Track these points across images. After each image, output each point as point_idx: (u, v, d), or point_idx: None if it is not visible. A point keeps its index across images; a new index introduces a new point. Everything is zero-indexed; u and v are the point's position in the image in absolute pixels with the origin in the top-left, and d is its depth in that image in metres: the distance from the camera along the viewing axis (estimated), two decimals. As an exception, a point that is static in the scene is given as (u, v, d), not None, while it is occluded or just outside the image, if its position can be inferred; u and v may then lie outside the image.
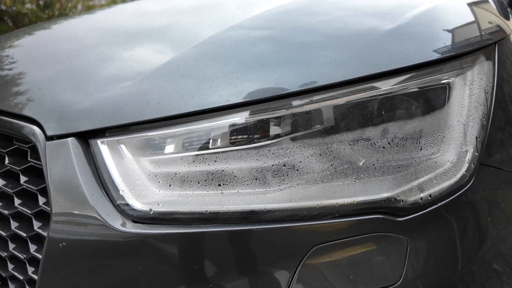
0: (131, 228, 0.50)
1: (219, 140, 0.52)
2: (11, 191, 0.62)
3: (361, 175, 0.52)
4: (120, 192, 0.52)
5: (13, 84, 0.74)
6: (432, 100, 0.57)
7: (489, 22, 0.72)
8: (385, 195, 0.51)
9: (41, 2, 6.39)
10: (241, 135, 0.52)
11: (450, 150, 0.56)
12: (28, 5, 6.18)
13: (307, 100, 0.52)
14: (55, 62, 0.76)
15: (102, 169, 0.53)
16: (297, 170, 0.51)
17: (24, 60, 0.86)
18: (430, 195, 0.53)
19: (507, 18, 0.84)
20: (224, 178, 0.51)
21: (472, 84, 0.60)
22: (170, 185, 0.52)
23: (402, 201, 0.52)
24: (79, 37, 0.90)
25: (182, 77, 0.56)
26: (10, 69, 0.84)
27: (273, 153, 0.51)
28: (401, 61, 0.55)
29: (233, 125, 0.52)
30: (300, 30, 0.63)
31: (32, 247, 0.59)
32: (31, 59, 0.85)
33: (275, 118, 0.52)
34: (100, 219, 0.50)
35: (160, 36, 0.76)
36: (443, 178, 0.55)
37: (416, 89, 0.55)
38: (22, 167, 0.62)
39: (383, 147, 0.53)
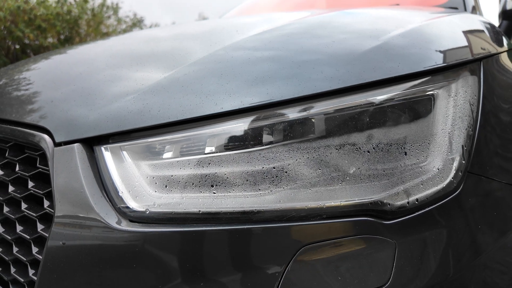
0: (127, 226, 0.52)
1: (213, 145, 0.56)
2: (19, 195, 0.66)
3: (348, 179, 0.54)
4: (119, 193, 0.55)
5: (28, 100, 0.80)
6: (417, 110, 0.59)
7: (474, 41, 0.76)
8: (371, 198, 0.53)
9: (61, 37, 6.79)
10: (234, 141, 0.55)
11: (435, 157, 0.58)
12: (50, 39, 6.57)
13: (296, 109, 0.56)
14: (67, 82, 0.82)
15: (104, 173, 0.57)
16: (287, 173, 0.54)
17: (39, 80, 0.93)
18: (417, 200, 0.55)
19: (496, 39, 0.88)
20: (217, 180, 0.54)
21: (456, 95, 0.63)
22: (166, 187, 0.55)
23: (389, 204, 0.54)
24: (91, 61, 0.97)
25: (180, 88, 0.60)
26: (27, 88, 0.91)
27: (264, 157, 0.54)
28: (386, 73, 0.58)
29: (226, 131, 0.56)
30: (292, 46, 0.68)
31: (34, 249, 0.61)
32: (46, 80, 0.91)
33: (266, 125, 0.55)
34: (98, 218, 0.53)
35: (164, 56, 0.82)
36: (429, 183, 0.56)
37: (402, 100, 0.58)
38: (31, 173, 0.66)
39: (369, 152, 0.55)
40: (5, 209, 0.69)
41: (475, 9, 1.62)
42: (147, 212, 0.53)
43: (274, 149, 0.55)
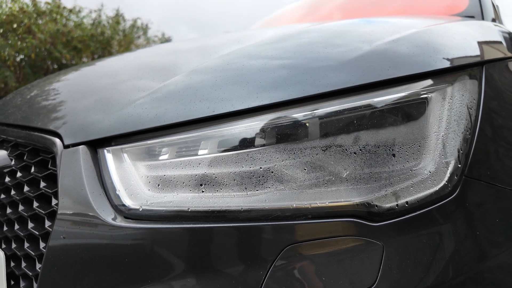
0: (121, 222, 0.55)
1: (203, 147, 0.58)
2: (32, 195, 0.71)
3: (336, 181, 0.55)
4: (117, 192, 0.58)
5: (48, 109, 0.86)
6: (409, 113, 0.59)
7: (475, 46, 0.75)
8: (358, 199, 0.53)
9: (95, 56, 7.21)
10: (223, 143, 0.58)
11: (427, 160, 0.57)
12: (85, 59, 7.00)
13: (284, 113, 0.57)
14: (90, 93, 0.86)
15: (105, 172, 0.61)
16: (274, 174, 0.55)
17: (65, 91, 0.99)
18: (407, 203, 0.54)
19: (509, 46, 0.86)
20: (205, 180, 0.56)
21: (451, 99, 0.62)
22: (158, 185, 0.58)
23: (377, 206, 0.53)
24: (116, 73, 1.01)
25: (177, 93, 0.64)
26: (53, 99, 0.98)
27: (251, 158, 0.56)
28: (376, 77, 0.59)
29: (217, 134, 0.58)
30: (278, 51, 0.70)
31: (42, 245, 0.66)
32: (69, 90, 0.98)
33: (254, 128, 0.57)
34: (96, 215, 0.56)
35: (178, 66, 0.86)
36: (420, 187, 0.55)
37: (392, 103, 0.59)
38: (43, 174, 0.71)
39: (355, 154, 0.55)
40: (20, 207, 0.74)
41: (495, 19, 1.59)
42: (140, 210, 0.56)
43: (262, 150, 0.56)
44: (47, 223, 0.66)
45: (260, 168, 0.55)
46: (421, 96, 0.60)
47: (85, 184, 0.59)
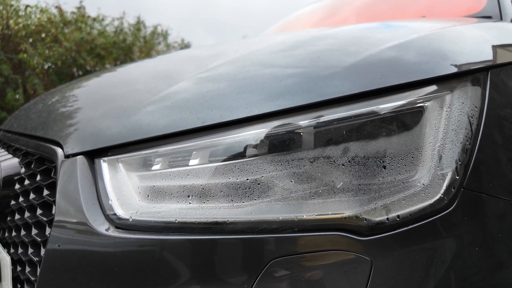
0: (111, 232, 0.56)
1: (191, 159, 0.59)
2: (36, 202, 0.74)
3: (324, 193, 0.54)
4: (109, 201, 0.60)
5: (55, 118, 0.90)
6: (403, 123, 0.57)
7: (481, 51, 0.72)
8: (347, 213, 0.52)
9: (118, 63, 7.44)
10: (212, 154, 0.58)
11: (421, 172, 0.55)
12: (107, 65, 7.24)
13: (272, 125, 0.57)
14: (91, 104, 0.88)
15: (100, 182, 0.62)
16: (260, 186, 0.55)
17: (82, 100, 0.99)
18: (398, 216, 0.52)
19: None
20: (193, 191, 0.56)
21: (450, 107, 0.60)
22: (148, 196, 0.59)
23: (366, 220, 0.52)
24: (132, 81, 1.01)
25: (170, 104, 0.65)
26: (60, 109, 1.01)
27: (238, 169, 0.56)
28: (367, 87, 0.57)
29: (205, 145, 0.58)
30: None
31: (43, 251, 0.68)
32: (76, 101, 1.00)
33: (242, 140, 0.57)
34: (88, 224, 0.57)
35: (176, 76, 0.88)
36: (413, 200, 0.53)
37: (386, 113, 0.57)
38: (47, 182, 0.73)
39: (343, 166, 0.54)
40: (26, 214, 0.77)
41: (516, 18, 1.51)
42: (131, 220, 0.57)
43: (249, 162, 0.56)
44: (48, 230, 0.68)
45: (247, 179, 0.55)
46: (417, 105, 0.58)
47: (80, 193, 0.61)
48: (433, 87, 0.60)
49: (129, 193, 0.61)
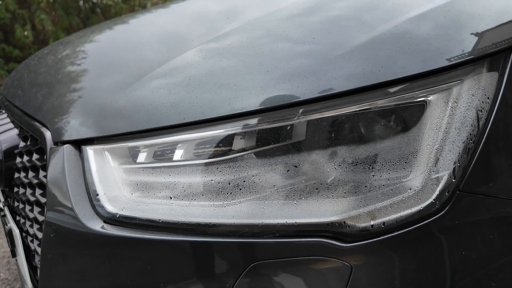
0: (99, 228, 0.57)
1: (176, 155, 0.57)
2: (34, 181, 0.76)
3: (306, 197, 0.52)
4: (97, 195, 0.60)
5: (44, 95, 0.87)
6: (397, 122, 0.52)
7: (497, 30, 0.61)
8: (329, 219, 0.50)
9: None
10: (197, 150, 0.56)
11: (413, 177, 0.51)
12: (114, -2, 6.86)
13: (253, 122, 0.53)
14: (97, 77, 0.81)
15: (87, 174, 0.62)
16: (243, 186, 0.53)
17: (75, 72, 0.94)
18: (383, 223, 0.51)
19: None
20: (175, 190, 0.56)
21: (456, 102, 0.54)
22: (132, 194, 0.59)
23: (349, 226, 0.50)
24: (139, 44, 0.91)
25: (150, 94, 0.61)
26: (51, 81, 0.98)
27: (220, 171, 0.54)
28: (361, 82, 0.51)
29: (188, 140, 0.56)
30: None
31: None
32: (79, 73, 0.93)
33: (225, 137, 0.54)
34: (77, 218, 0.59)
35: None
36: (401, 206, 0.51)
37: (377, 110, 0.52)
38: (41, 164, 0.74)
39: (328, 170, 0.51)
40: (28, 190, 0.80)
41: None
42: (117, 216, 0.58)
43: (231, 162, 0.54)
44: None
45: (229, 183, 0.54)
46: (416, 100, 0.52)
47: (68, 185, 0.61)
48: (438, 79, 0.53)
49: (116, 186, 0.60)
